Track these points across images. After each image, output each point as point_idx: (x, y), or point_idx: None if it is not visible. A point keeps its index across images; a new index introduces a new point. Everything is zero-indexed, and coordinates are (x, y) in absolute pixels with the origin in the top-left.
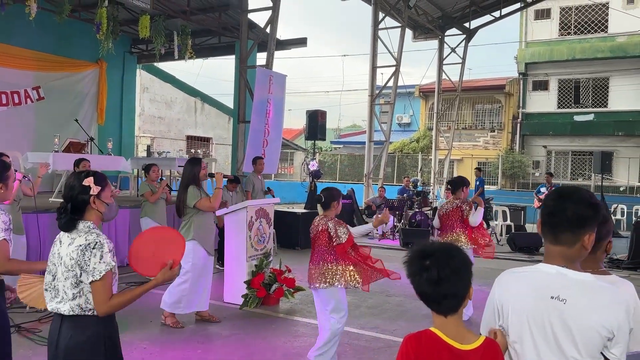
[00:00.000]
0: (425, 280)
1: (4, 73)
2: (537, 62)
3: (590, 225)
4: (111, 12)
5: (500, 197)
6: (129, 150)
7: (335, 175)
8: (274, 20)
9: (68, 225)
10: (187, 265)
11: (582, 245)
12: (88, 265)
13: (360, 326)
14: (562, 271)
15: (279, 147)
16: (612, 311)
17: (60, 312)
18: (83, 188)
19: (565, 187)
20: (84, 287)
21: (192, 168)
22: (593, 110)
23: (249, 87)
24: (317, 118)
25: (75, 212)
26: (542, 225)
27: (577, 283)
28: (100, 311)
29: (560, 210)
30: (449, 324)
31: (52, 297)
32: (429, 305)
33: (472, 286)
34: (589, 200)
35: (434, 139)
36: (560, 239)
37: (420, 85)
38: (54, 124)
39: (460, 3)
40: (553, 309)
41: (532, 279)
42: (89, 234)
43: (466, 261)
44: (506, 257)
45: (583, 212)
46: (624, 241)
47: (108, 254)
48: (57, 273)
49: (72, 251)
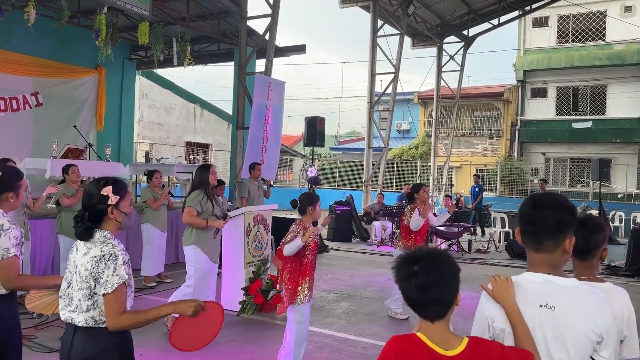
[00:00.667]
0: (412, 285)
1: (2, 79)
2: (535, 69)
3: (570, 229)
4: (110, 18)
5: (499, 203)
6: (127, 157)
7: (334, 181)
8: (273, 27)
9: (84, 234)
10: (190, 270)
11: (564, 250)
12: (101, 277)
13: (358, 333)
14: (549, 278)
15: (277, 153)
16: (600, 315)
17: (75, 322)
18: (101, 197)
19: (539, 194)
20: (97, 299)
21: (201, 173)
22: (591, 117)
23: (248, 94)
24: (316, 124)
25: (92, 221)
26: (522, 235)
27: (564, 289)
28: (110, 325)
29: (539, 218)
30: (435, 330)
31: (66, 305)
32: (416, 311)
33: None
34: (565, 204)
35: (433, 145)
36: (543, 246)
37: (419, 92)
38: (52, 130)
39: (459, 11)
40: (543, 317)
41: (520, 288)
42: (104, 245)
43: (454, 268)
44: (504, 264)
45: (562, 217)
46: (621, 248)
47: (122, 266)
48: (73, 282)
49: (86, 262)
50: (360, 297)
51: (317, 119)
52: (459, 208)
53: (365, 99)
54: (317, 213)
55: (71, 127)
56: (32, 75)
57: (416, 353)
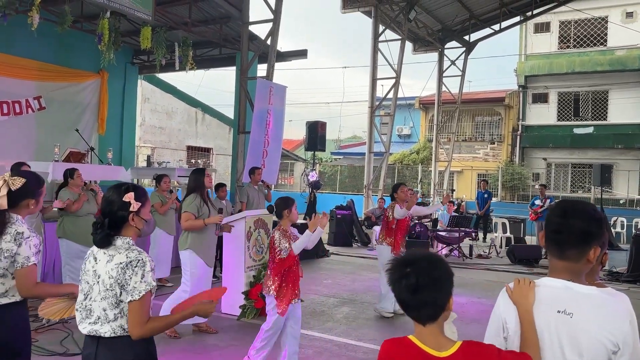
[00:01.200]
0: (404, 287)
1: (5, 83)
2: (536, 74)
3: (596, 240)
4: (113, 23)
5: (500, 209)
6: (129, 160)
7: (335, 186)
8: (275, 32)
9: (104, 242)
10: (186, 274)
11: (587, 260)
12: (128, 284)
13: (358, 338)
14: (569, 285)
15: (278, 157)
16: (617, 324)
17: (99, 334)
18: (123, 204)
19: (568, 201)
20: (124, 307)
21: (196, 177)
22: (593, 123)
23: (250, 98)
24: (317, 129)
25: (112, 228)
26: (547, 241)
27: (583, 297)
28: (135, 333)
29: (566, 228)
30: (428, 333)
31: (84, 318)
32: (408, 314)
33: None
34: (594, 216)
35: (434, 150)
36: (566, 254)
37: (420, 97)
38: (54, 133)
39: (460, 16)
40: (560, 323)
41: (538, 292)
42: (129, 251)
43: (447, 271)
44: (505, 270)
45: (589, 229)
46: (623, 254)
47: (150, 273)
48: (92, 292)
49: (111, 269)
50: (361, 302)
51: (318, 124)
52: (460, 213)
53: (366, 104)
54: (293, 215)
55: (73, 130)
56: (35, 79)
57: (408, 355)
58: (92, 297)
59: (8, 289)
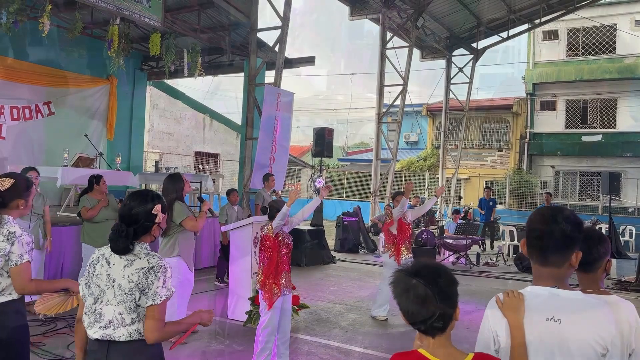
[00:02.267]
0: (411, 298)
1: (16, 88)
2: (544, 82)
3: (577, 244)
4: (123, 29)
5: (508, 216)
6: (137, 166)
7: (342, 192)
8: (283, 40)
9: (125, 249)
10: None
11: (570, 264)
12: (150, 288)
13: (364, 345)
14: (554, 291)
15: (285, 164)
16: (604, 327)
17: (113, 338)
18: (150, 215)
19: (547, 208)
20: (141, 311)
21: (174, 184)
22: (601, 131)
23: (257, 105)
24: (324, 135)
25: (135, 237)
26: (529, 248)
27: (570, 302)
28: (151, 338)
29: (548, 234)
30: (437, 345)
31: (94, 322)
32: (415, 326)
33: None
34: (574, 220)
35: (441, 157)
36: (550, 260)
37: (427, 104)
38: (63, 138)
39: (468, 24)
40: (549, 330)
41: (526, 302)
42: (150, 257)
43: (453, 281)
44: (513, 278)
45: (570, 234)
46: (632, 263)
47: (170, 279)
48: (105, 296)
49: (131, 273)
50: (367, 308)
51: (325, 130)
52: (468, 220)
53: (373, 111)
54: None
55: (82, 136)
56: (45, 84)
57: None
58: (104, 301)
59: (4, 287)
